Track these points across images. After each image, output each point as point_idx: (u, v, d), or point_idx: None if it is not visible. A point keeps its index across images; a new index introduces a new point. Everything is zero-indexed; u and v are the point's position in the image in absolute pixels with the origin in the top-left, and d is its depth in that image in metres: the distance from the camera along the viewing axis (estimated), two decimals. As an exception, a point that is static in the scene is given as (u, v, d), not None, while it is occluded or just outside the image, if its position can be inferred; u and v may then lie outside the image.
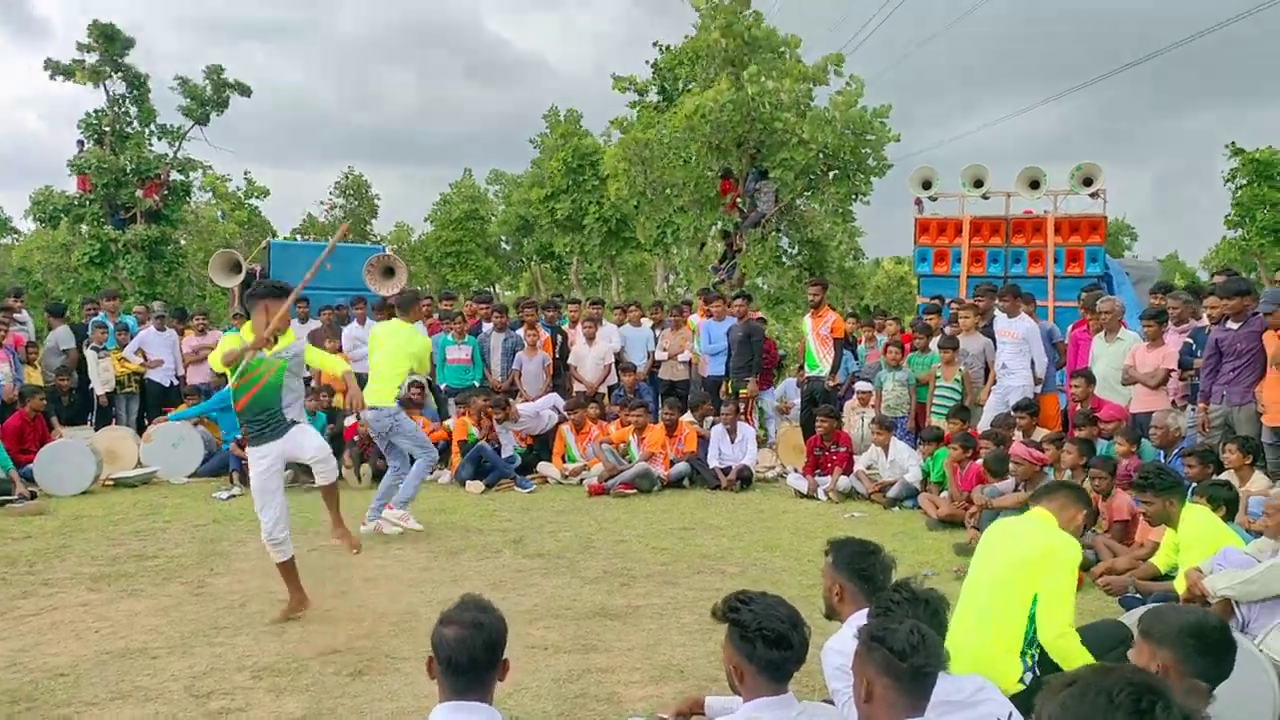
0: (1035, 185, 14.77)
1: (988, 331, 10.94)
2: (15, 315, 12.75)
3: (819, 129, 17.12)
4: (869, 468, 10.33)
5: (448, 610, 2.88)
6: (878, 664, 2.60)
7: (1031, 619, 3.90)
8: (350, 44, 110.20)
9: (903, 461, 10.00)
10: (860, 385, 11.66)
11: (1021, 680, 3.83)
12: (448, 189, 44.07)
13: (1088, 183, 14.51)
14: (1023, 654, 3.91)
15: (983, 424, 10.11)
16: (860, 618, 3.20)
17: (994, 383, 10.53)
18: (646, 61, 24.38)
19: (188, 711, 4.61)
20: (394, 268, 14.79)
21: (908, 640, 2.57)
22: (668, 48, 23.49)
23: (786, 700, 2.87)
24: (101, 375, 11.97)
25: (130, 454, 10.77)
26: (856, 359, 12.39)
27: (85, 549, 7.75)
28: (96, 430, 11.46)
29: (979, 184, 15.20)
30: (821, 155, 17.69)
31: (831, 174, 18.78)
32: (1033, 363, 10.26)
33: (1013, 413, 9.64)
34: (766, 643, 2.81)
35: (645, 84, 24.82)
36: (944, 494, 9.26)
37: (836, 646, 3.29)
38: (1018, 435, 9.20)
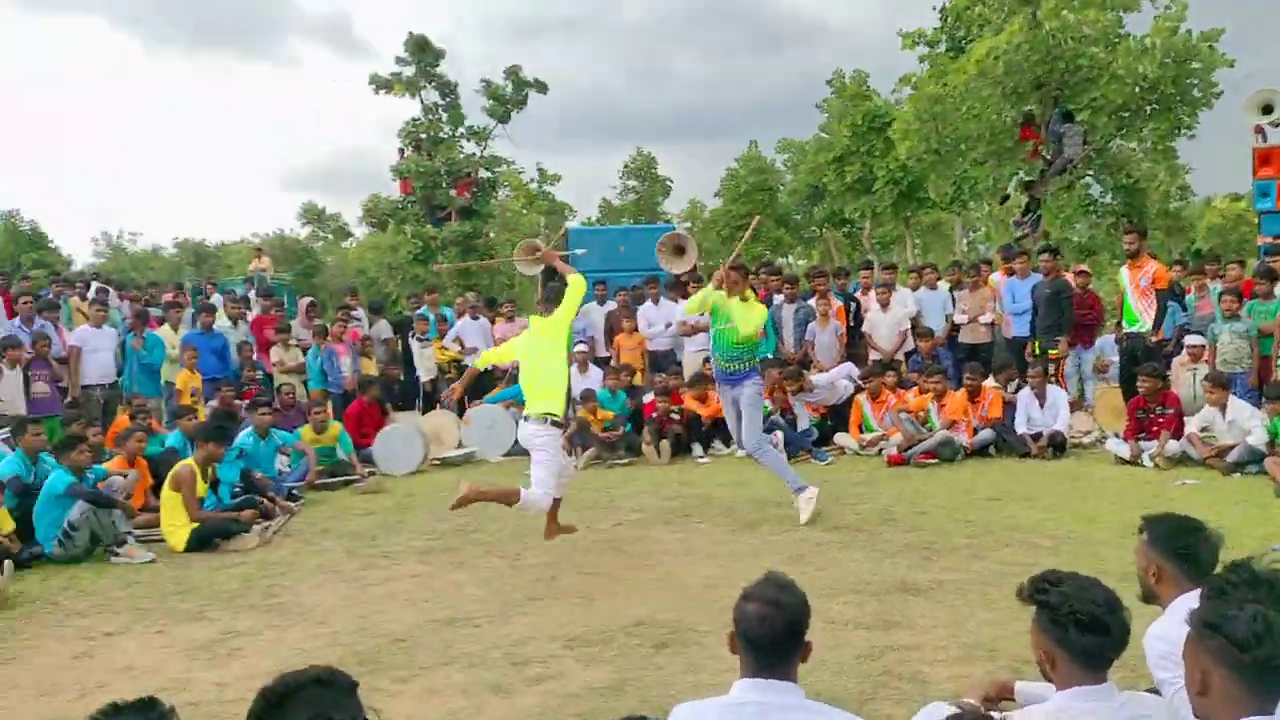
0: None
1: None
2: (353, 312, 14.13)
3: (1134, 60, 15.59)
4: (1203, 430, 9.34)
5: (750, 585, 2.84)
6: (1214, 654, 2.29)
7: None
8: (636, 30, 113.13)
9: (1244, 422, 8.96)
10: (1190, 339, 10.57)
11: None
12: (735, 163, 44.26)
13: None
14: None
15: (1344, 377, 8.87)
16: (1186, 601, 2.85)
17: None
18: (933, 7, 23.12)
19: (508, 678, 4.89)
20: (684, 246, 14.99)
21: (1250, 628, 2.25)
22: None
23: (1107, 690, 2.61)
24: (425, 364, 13.02)
25: (453, 436, 11.64)
26: (1185, 310, 11.23)
27: (417, 524, 8.45)
28: (423, 415, 12.47)
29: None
30: (1138, 89, 16.11)
31: (1149, 109, 17.08)
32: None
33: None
34: (1080, 628, 2.57)
35: (934, 35, 23.61)
36: (1297, 458, 8.21)
37: (1159, 633, 2.96)
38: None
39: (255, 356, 12.60)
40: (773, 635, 2.64)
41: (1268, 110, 14.03)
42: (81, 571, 7.35)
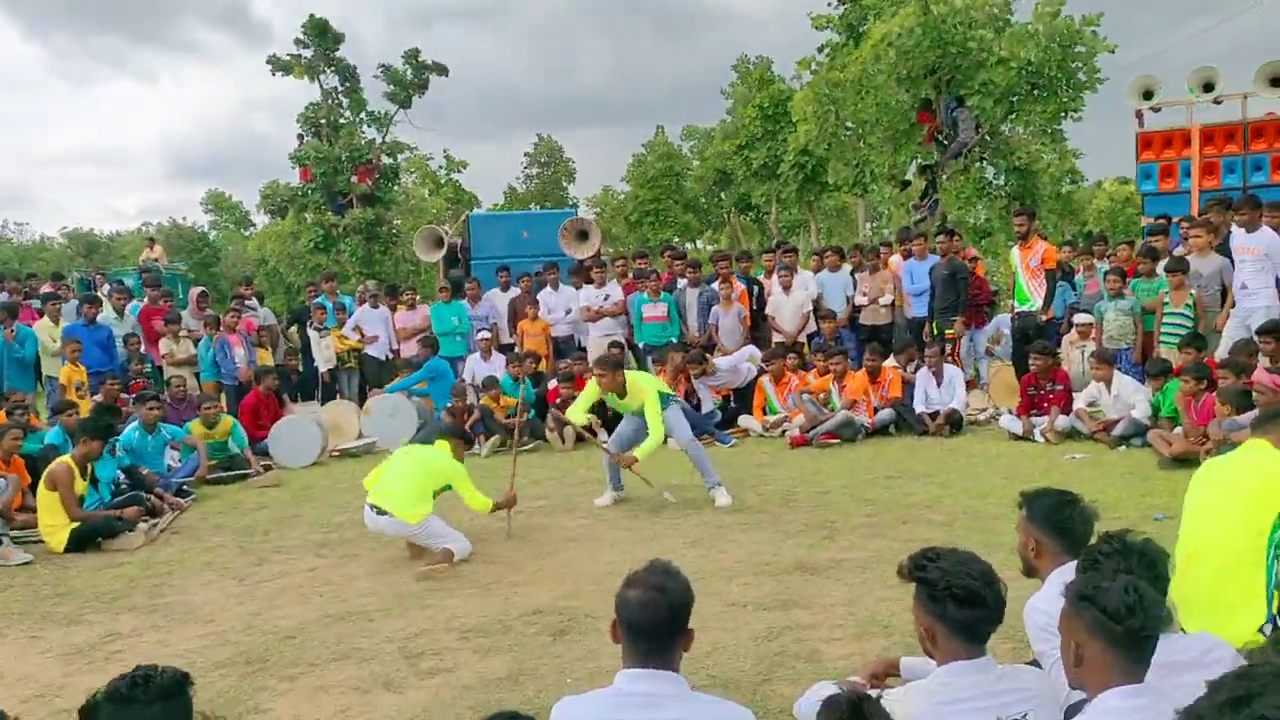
0: (1278, 82, 13.28)
1: (1223, 251, 9.93)
2: (246, 302, 13.71)
3: (1019, 44, 15.97)
4: (1090, 405, 9.62)
5: (634, 572, 2.79)
6: (1088, 625, 2.33)
7: (1274, 557, 3.45)
8: (541, 16, 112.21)
9: (1128, 396, 9.26)
10: (1079, 317, 10.87)
11: (1261, 630, 3.41)
12: (642, 149, 44.29)
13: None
14: (1268, 600, 3.47)
15: (1220, 351, 9.20)
16: (1063, 573, 2.90)
17: (1232, 306, 9.56)
18: (829, 3, 23.24)
19: (400, 671, 4.78)
20: (587, 230, 14.94)
21: (1122, 599, 2.29)
22: None
23: (985, 664, 2.64)
24: (324, 353, 12.71)
25: (353, 426, 11.39)
26: (1075, 290, 11.55)
27: (313, 517, 8.23)
28: (322, 405, 12.17)
29: (1209, 88, 13.86)
30: (1024, 74, 16.51)
31: (1037, 93, 17.52)
32: (1278, 280, 9.24)
33: (1256, 337, 8.71)
34: (957, 602, 2.58)
35: (835, 20, 23.84)
36: (1176, 430, 8.51)
37: (1040, 605, 3.00)
38: (1263, 362, 8.31)
39: (143, 349, 12.13)
40: (655, 622, 2.60)
41: (1148, 95, 14.51)
42: (-48, 577, 6.98)
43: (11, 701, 4.67)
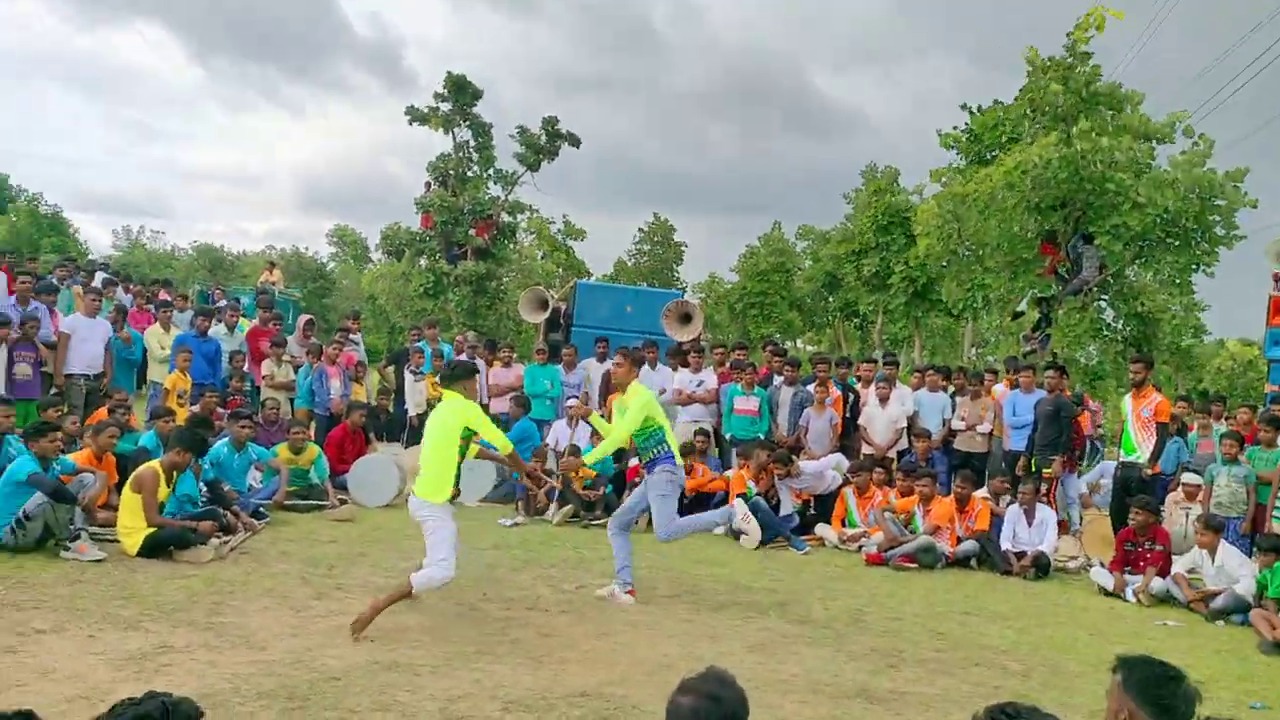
0: None
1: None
2: (351, 336, 14.02)
3: (1158, 191, 15.60)
4: (1190, 571, 9.12)
5: (688, 678, 2.67)
6: None
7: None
8: (677, 97, 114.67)
9: (1232, 569, 8.74)
10: (1188, 477, 10.39)
11: None
12: (756, 241, 44.51)
13: None
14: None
15: (1339, 537, 8.66)
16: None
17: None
18: (955, 127, 23.05)
19: (438, 734, 4.67)
20: (691, 314, 14.96)
21: None
22: (979, 108, 22.26)
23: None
24: (415, 397, 12.87)
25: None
26: (1187, 446, 11.07)
27: (378, 559, 8.23)
28: (405, 449, 12.28)
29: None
30: (1159, 221, 16.10)
31: (1169, 241, 17.06)
32: None
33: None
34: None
35: (961, 141, 23.72)
36: (1283, 613, 7.98)
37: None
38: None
39: (246, 367, 12.47)
40: None
41: (1287, 258, 14.01)
42: (27, 562, 7.15)
43: (57, 698, 4.70)
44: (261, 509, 9.29)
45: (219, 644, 5.74)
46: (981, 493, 10.78)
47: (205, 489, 8.73)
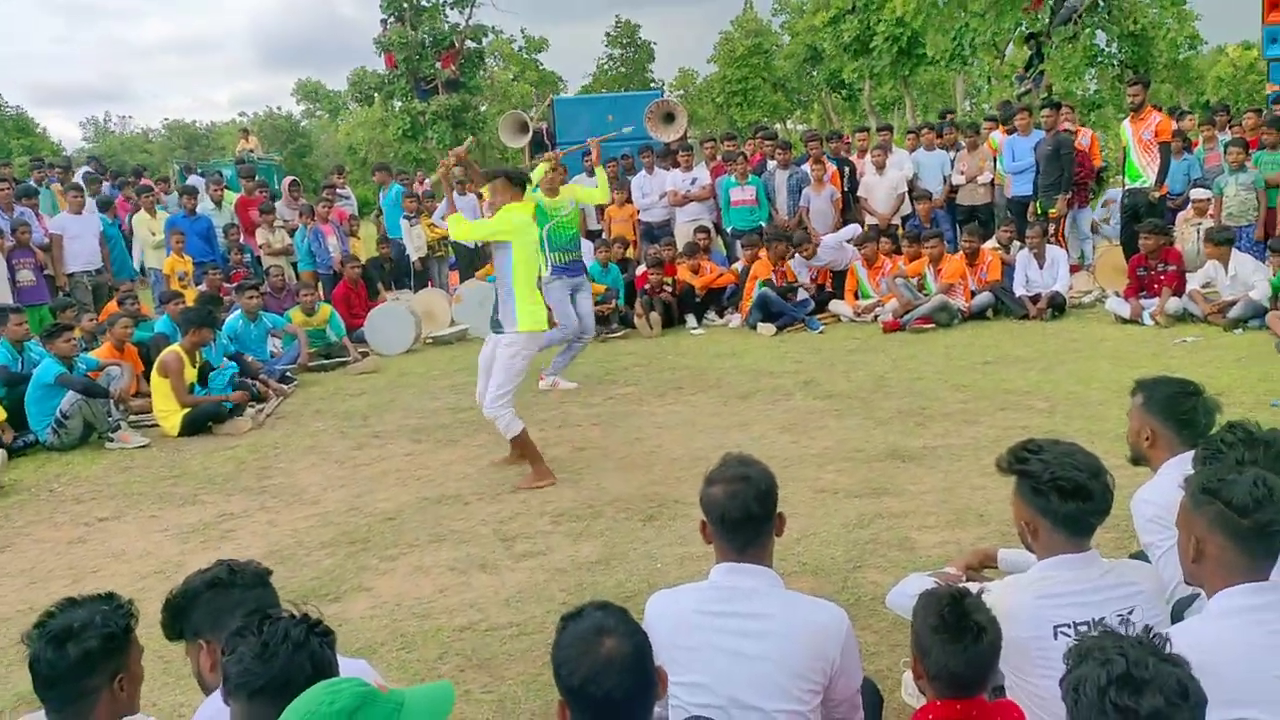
0: None
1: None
2: (339, 191, 13.83)
3: (1140, -99, 14.86)
4: (1206, 286, 9.18)
5: (711, 470, 2.76)
6: (1211, 520, 2.21)
7: None
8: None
9: (1246, 276, 8.80)
10: (1197, 192, 10.31)
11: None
12: (729, 26, 42.96)
13: None
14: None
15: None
16: (1178, 464, 2.77)
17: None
18: None
19: (496, 554, 4.89)
20: (674, 113, 14.59)
21: (1250, 493, 2.16)
22: None
23: (1090, 558, 2.54)
24: (414, 242, 12.79)
25: (445, 314, 11.51)
26: (1197, 163, 10.89)
27: (409, 403, 8.40)
28: (414, 293, 12.31)
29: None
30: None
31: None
32: None
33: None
34: (1062, 495, 2.47)
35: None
36: (1299, 312, 8.09)
37: (1148, 496, 2.88)
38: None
39: (241, 239, 12.38)
40: (745, 510, 2.57)
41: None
42: (76, 458, 7.35)
43: (132, 577, 4.92)
44: (287, 374, 9.43)
45: (274, 504, 5.95)
46: (990, 244, 10.77)
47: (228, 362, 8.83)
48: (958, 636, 2.19)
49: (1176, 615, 2.68)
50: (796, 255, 10.97)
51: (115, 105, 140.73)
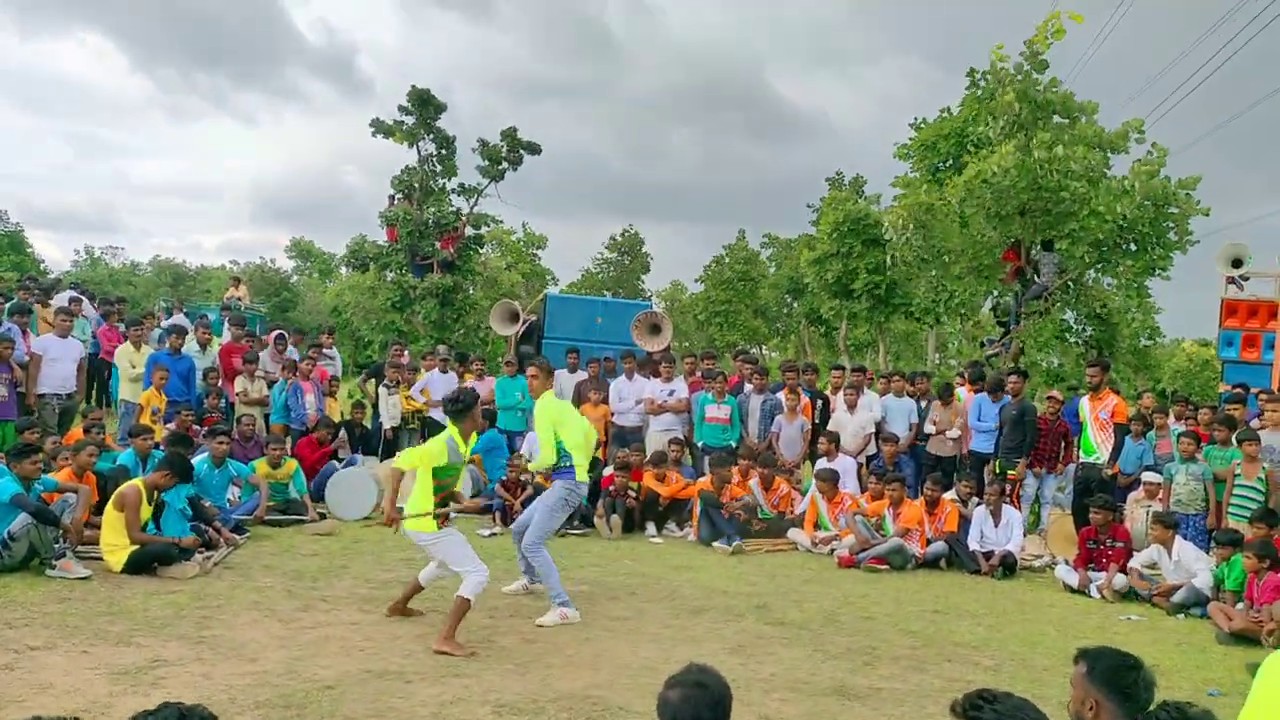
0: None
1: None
2: (325, 351, 14.07)
3: (1114, 200, 16.03)
4: (1150, 567, 9.43)
5: (672, 676, 2.85)
6: None
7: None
8: (637, 102, 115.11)
9: (1189, 563, 9.06)
10: (1148, 476, 10.71)
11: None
12: (722, 250, 44.87)
13: None
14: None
15: (1291, 530, 9.00)
16: (1119, 736, 2.88)
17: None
18: (908, 139, 23.17)
19: (432, 738, 4.81)
20: (660, 325, 15.17)
21: None
22: (923, 121, 22.54)
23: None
24: (389, 410, 12.94)
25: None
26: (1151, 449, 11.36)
27: (361, 571, 8.34)
28: (380, 461, 12.35)
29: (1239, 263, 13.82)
30: (1117, 227, 16.51)
31: (1126, 247, 17.49)
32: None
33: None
34: (1010, 750, 2.58)
35: (917, 153, 23.96)
36: (1239, 605, 8.30)
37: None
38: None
39: (220, 384, 12.49)
40: (695, 716, 2.65)
41: (1236, 264, 14.46)
42: (14, 581, 7.19)
43: (59, 712, 4.77)
44: (242, 524, 9.36)
45: (211, 656, 5.84)
46: (949, 495, 11.05)
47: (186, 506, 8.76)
48: None
49: None
50: (756, 479, 11.22)
51: (102, 236, 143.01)
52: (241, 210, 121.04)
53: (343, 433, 12.41)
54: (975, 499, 10.91)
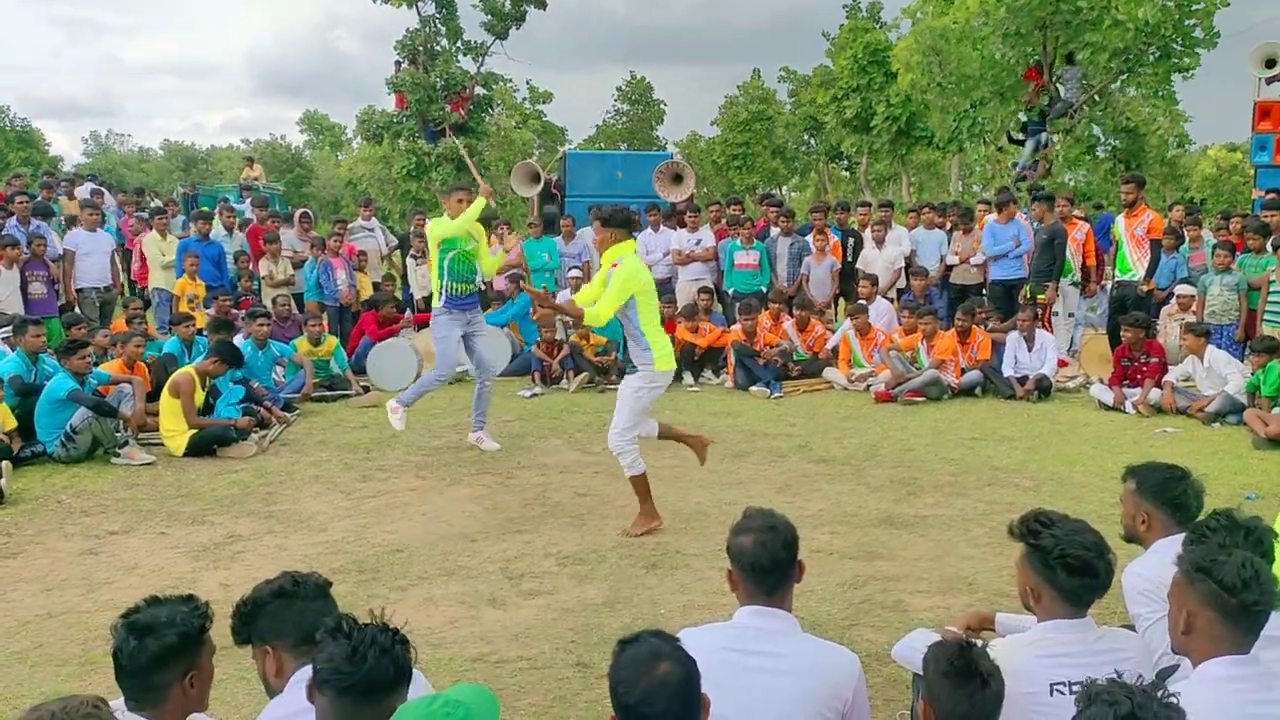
0: None
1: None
2: (365, 224, 14.03)
3: (1135, 4, 15.43)
4: (1184, 380, 9.52)
5: (739, 522, 2.96)
6: (1202, 597, 2.44)
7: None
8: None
9: (1221, 369, 9.12)
10: (1181, 289, 10.69)
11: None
12: (735, 90, 43.84)
13: None
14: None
15: (1327, 334, 9.03)
16: (1169, 544, 3.00)
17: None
18: None
19: (504, 590, 5.07)
20: (682, 174, 15.01)
21: (1239, 575, 2.39)
22: None
23: (1086, 623, 2.77)
24: (419, 281, 13.03)
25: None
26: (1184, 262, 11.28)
27: (411, 440, 8.56)
28: (417, 332, 12.49)
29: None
30: (1140, 33, 15.95)
31: (1150, 53, 16.95)
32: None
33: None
34: (1069, 570, 2.71)
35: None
36: (1276, 411, 8.40)
37: (1139, 571, 3.12)
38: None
39: (251, 267, 12.59)
40: (772, 558, 2.78)
41: (1271, 64, 14.00)
42: (83, 471, 7.47)
43: (147, 590, 5.03)
44: (291, 403, 9.59)
45: (282, 529, 6.11)
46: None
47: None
48: (966, 682, 2.41)
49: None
50: (791, 323, 11.30)
51: (105, 122, 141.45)
52: (241, 86, 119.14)
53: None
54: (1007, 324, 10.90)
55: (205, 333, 9.73)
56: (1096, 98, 18.09)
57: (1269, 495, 6.51)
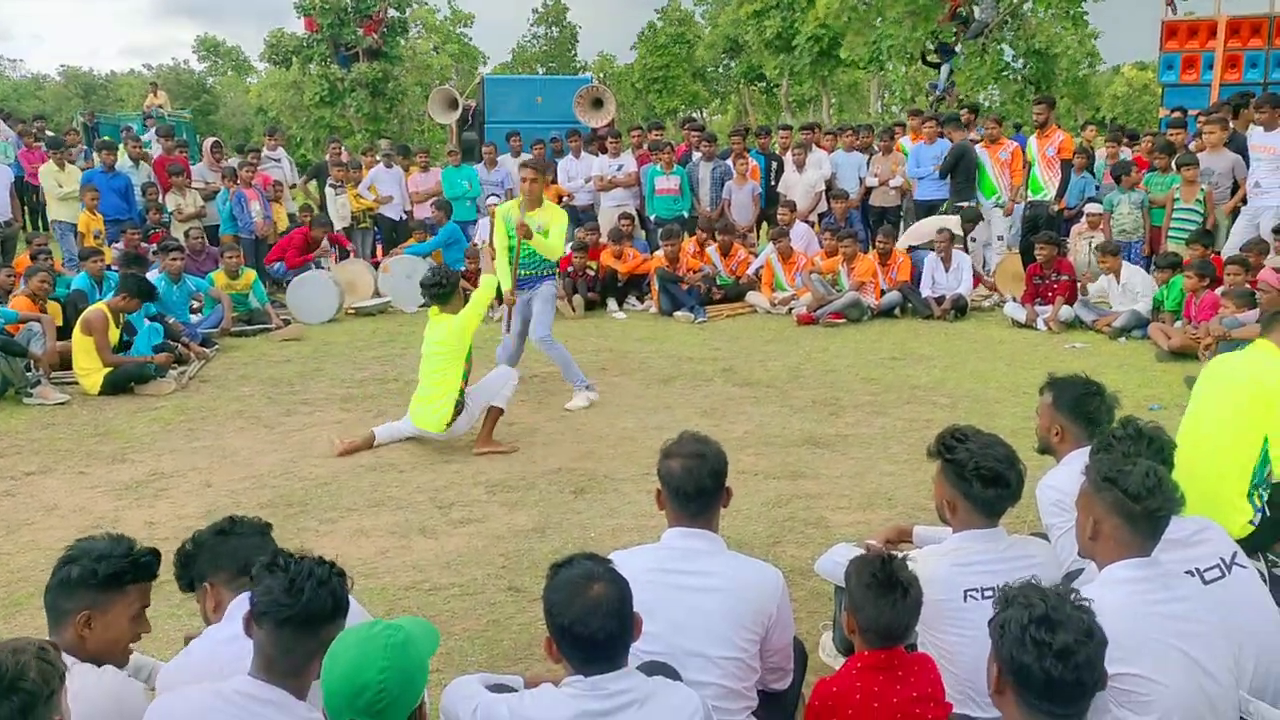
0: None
1: (1238, 147, 9.99)
2: (270, 154, 13.63)
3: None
4: (1099, 298, 9.85)
5: (669, 444, 3.00)
6: (1108, 504, 2.58)
7: (1264, 460, 3.72)
8: None
9: (1135, 287, 9.45)
10: (1090, 207, 10.98)
11: (1251, 522, 3.70)
12: (654, 14, 43.21)
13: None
14: (1250, 495, 3.75)
15: (1228, 249, 9.38)
16: (1080, 456, 3.15)
17: (1242, 202, 9.68)
18: None
19: (434, 520, 5.11)
20: (602, 99, 14.85)
21: (1143, 483, 2.53)
22: None
23: (996, 533, 2.91)
24: (339, 211, 12.76)
25: (367, 285, 11.53)
26: (1094, 176, 11.56)
27: (335, 372, 8.48)
28: (337, 263, 12.29)
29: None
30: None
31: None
32: (1292, 181, 9.33)
33: (1268, 237, 8.89)
34: (983, 481, 2.84)
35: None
36: (1178, 324, 8.75)
37: (1052, 483, 3.27)
38: (1272, 261, 8.50)
39: (160, 198, 12.18)
40: (698, 484, 2.84)
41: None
42: (-7, 413, 7.27)
43: (70, 530, 4.97)
44: (209, 338, 9.40)
45: (207, 466, 6.04)
46: (902, 244, 11.27)
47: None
48: (887, 592, 2.53)
49: (1065, 586, 3.07)
50: (714, 247, 11.36)
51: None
52: (140, 7, 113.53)
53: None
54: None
55: (115, 268, 9.43)
56: (1008, 19, 18.26)
57: (1171, 406, 6.81)
